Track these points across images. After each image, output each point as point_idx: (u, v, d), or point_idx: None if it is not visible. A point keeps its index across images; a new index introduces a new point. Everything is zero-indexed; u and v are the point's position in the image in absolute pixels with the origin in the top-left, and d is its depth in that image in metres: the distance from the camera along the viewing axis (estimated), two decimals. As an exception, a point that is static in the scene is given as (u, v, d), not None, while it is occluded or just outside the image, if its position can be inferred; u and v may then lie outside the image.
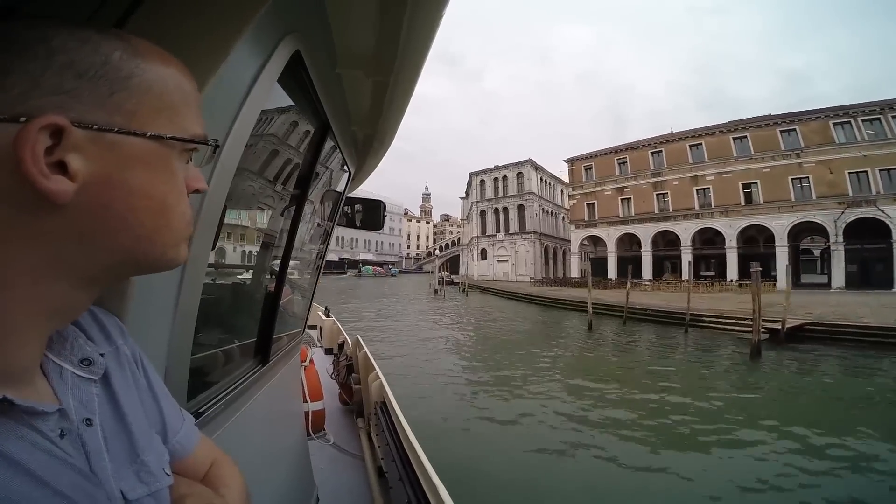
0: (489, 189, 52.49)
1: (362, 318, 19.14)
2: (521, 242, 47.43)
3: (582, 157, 40.75)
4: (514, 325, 19.01)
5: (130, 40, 0.33)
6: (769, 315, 13.50)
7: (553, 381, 9.41)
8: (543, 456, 5.61)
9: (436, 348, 13.30)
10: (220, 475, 0.50)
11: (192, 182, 0.38)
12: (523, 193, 48.18)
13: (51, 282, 0.31)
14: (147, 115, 0.33)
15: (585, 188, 39.80)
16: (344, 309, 19.79)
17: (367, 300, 29.59)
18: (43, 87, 0.29)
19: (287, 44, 0.75)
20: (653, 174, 35.46)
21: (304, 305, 1.98)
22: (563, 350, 13.41)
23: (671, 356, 12.21)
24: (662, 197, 34.83)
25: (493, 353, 12.87)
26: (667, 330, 16.37)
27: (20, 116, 0.27)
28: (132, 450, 0.38)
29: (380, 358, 4.48)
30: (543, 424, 6.77)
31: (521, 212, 48.41)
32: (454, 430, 6.38)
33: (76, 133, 0.29)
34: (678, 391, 8.53)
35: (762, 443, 6.04)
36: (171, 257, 0.37)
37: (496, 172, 52.04)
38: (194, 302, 0.70)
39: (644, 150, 36.28)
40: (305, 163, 1.23)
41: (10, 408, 0.28)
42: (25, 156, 0.27)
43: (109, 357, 0.40)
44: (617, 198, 37.22)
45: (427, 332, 16.41)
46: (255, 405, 1.10)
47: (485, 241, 51.89)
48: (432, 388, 8.58)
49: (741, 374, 10.01)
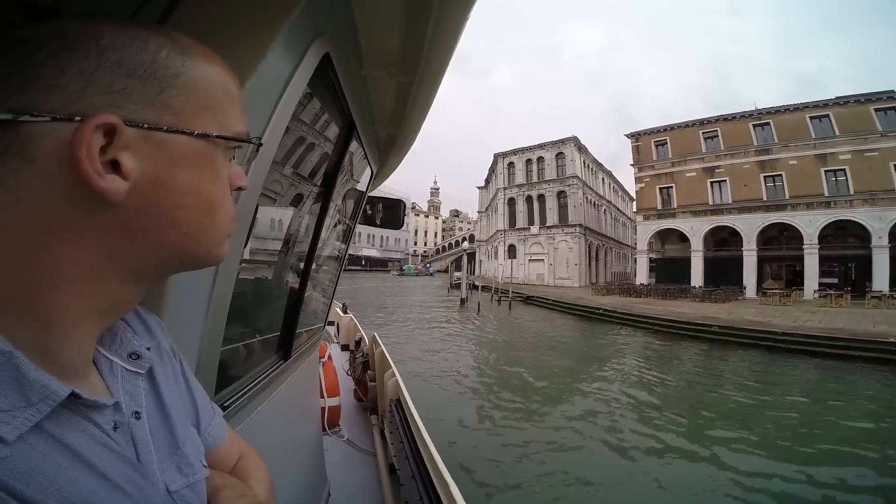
0: (520, 173, 43.54)
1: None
2: (562, 238, 38.52)
3: (652, 131, 32.03)
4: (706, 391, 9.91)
5: (177, 38, 0.34)
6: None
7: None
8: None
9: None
10: (247, 467, 0.51)
11: (235, 180, 0.38)
12: (565, 178, 39.30)
13: (105, 278, 0.31)
14: (193, 114, 0.33)
15: (657, 168, 31.07)
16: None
17: (360, 313, 21.04)
18: (95, 85, 0.29)
19: (318, 46, 0.76)
20: (758, 151, 26.89)
21: (325, 302, 2.00)
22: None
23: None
24: (772, 180, 26.28)
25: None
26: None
27: (75, 115, 0.28)
28: (174, 442, 0.39)
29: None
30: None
31: (561, 200, 39.52)
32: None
33: (128, 132, 0.29)
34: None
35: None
36: (216, 254, 0.37)
37: (529, 153, 43.13)
38: (226, 298, 0.72)
39: (743, 121, 27.66)
40: (331, 162, 1.25)
41: (73, 402, 0.29)
42: (81, 155, 0.27)
43: (153, 351, 0.41)
44: (705, 180, 28.46)
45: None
46: (275, 399, 1.11)
47: (513, 236, 42.84)
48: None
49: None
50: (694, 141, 29.49)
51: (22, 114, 0.27)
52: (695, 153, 29.30)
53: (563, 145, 40.32)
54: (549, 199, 40.02)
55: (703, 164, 28.79)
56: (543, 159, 41.72)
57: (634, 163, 32.60)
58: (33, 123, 0.27)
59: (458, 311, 22.90)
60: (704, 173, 28.68)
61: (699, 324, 15.50)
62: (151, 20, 0.42)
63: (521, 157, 43.81)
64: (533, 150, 42.78)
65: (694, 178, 29.01)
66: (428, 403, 6.89)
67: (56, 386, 0.28)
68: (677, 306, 20.43)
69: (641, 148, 32.42)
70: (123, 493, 0.31)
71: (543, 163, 41.71)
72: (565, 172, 39.49)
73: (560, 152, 40.43)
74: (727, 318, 16.09)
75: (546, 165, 41.19)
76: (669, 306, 20.50)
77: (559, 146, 40.57)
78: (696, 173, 29.04)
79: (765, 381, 9.66)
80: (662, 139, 31.37)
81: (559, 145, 40.57)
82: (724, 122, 28.56)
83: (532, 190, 41.87)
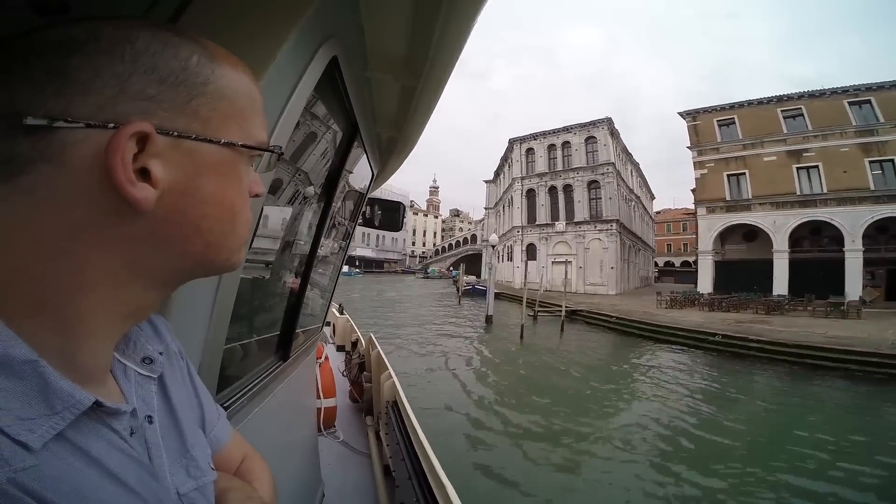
0: (541, 160, 37.76)
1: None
2: (595, 235, 32.89)
3: (713, 109, 26.81)
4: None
5: (206, 44, 0.33)
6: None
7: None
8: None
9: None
10: (251, 469, 0.51)
11: (253, 187, 0.38)
12: (597, 165, 33.71)
13: (129, 285, 0.31)
14: (220, 122, 0.33)
15: (723, 152, 25.82)
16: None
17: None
18: (129, 91, 0.28)
19: (326, 49, 0.76)
20: (858, 132, 21.94)
21: (323, 303, 2.00)
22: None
23: None
24: (879, 166, 21.35)
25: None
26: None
27: (109, 122, 0.27)
28: (183, 445, 0.39)
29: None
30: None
31: (592, 191, 33.98)
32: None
33: (159, 140, 0.29)
34: None
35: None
36: (234, 262, 0.37)
37: (553, 137, 37.44)
38: (230, 300, 0.73)
39: (835, 98, 22.67)
40: (333, 164, 1.25)
41: (94, 409, 0.29)
42: (116, 164, 0.27)
43: (163, 355, 0.41)
44: (790, 165, 23.25)
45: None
46: (273, 400, 1.11)
47: (533, 234, 36.97)
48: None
49: None
50: (771, 120, 24.31)
51: (57, 119, 0.27)
52: (773, 134, 24.15)
53: (594, 128, 34.78)
54: (578, 191, 34.34)
55: (786, 146, 23.66)
56: (570, 144, 36.08)
57: (692, 145, 27.24)
58: (67, 130, 0.27)
59: (485, 335, 16.09)
60: (788, 157, 23.47)
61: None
62: (165, 22, 0.42)
63: (542, 143, 38.05)
64: (557, 133, 37.08)
65: (774, 164, 23.77)
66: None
67: (80, 395, 0.28)
68: (810, 325, 14.93)
69: (700, 128, 27.11)
70: (140, 498, 0.31)
71: (570, 148, 36.05)
72: (597, 159, 33.91)
73: (591, 136, 34.88)
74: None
75: (573, 151, 35.53)
76: (794, 324, 14.99)
77: (589, 129, 35.01)
78: (776, 157, 23.81)
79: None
80: (728, 118, 26.13)
81: (589, 128, 35.01)
82: (811, 100, 23.50)
83: (556, 179, 36.11)
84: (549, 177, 36.64)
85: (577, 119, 37.44)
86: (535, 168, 38.19)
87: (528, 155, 39.24)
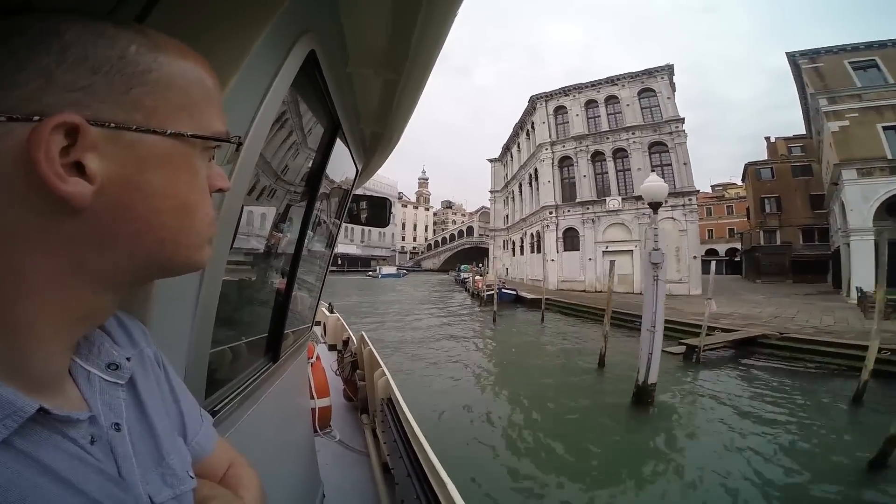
0: (577, 121, 28.90)
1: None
2: (667, 213, 24.95)
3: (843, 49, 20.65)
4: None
5: (149, 34, 0.32)
6: None
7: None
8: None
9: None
10: (238, 476, 0.49)
11: (215, 181, 0.37)
12: (661, 122, 25.90)
13: (75, 287, 0.30)
14: (167, 112, 0.31)
15: (866, 100, 19.57)
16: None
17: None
18: (57, 83, 0.27)
19: (303, 43, 0.75)
20: None
21: (312, 302, 1.94)
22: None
23: None
24: None
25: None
26: None
27: (34, 115, 0.26)
28: (157, 453, 0.38)
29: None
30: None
31: (656, 156, 26.02)
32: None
33: (92, 132, 0.28)
34: None
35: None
36: (196, 260, 0.35)
37: (591, 91, 28.85)
38: (213, 302, 0.72)
39: None
40: (315, 161, 1.23)
41: (44, 416, 0.28)
42: (40, 157, 0.26)
43: (134, 360, 0.40)
44: None
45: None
46: (265, 402, 1.11)
47: (573, 214, 27.73)
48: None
49: None
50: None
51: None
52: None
53: (650, 78, 26.93)
54: (637, 156, 26.06)
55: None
56: (617, 99, 27.88)
57: (816, 91, 20.68)
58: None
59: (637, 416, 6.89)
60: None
61: None
62: (128, 19, 0.41)
63: (576, 99, 29.30)
64: (598, 86, 28.62)
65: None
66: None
67: (22, 402, 0.26)
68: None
69: (826, 71, 20.51)
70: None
71: (617, 104, 27.88)
72: (661, 115, 26.20)
73: (646, 88, 26.98)
74: None
75: (624, 107, 27.41)
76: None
77: (643, 80, 27.10)
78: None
79: None
80: (866, 59, 20.00)
81: (643, 78, 27.09)
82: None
83: (602, 143, 27.50)
84: (592, 140, 27.96)
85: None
86: (569, 130, 29.29)
87: (557, 115, 30.23)
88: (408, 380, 8.37)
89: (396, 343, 12.71)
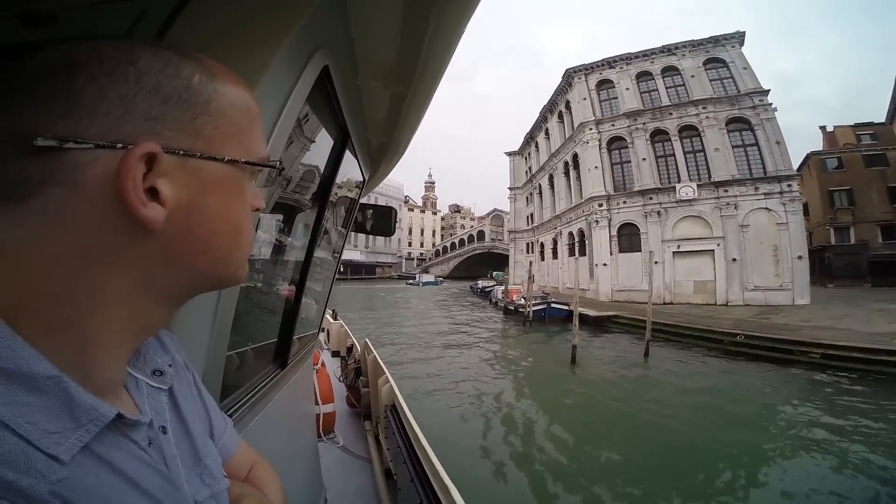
0: (628, 95, 24.03)
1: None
2: (759, 203, 19.65)
3: None
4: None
5: (205, 63, 0.34)
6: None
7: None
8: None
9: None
10: (260, 476, 0.51)
11: (254, 202, 0.38)
12: (741, 95, 21.06)
13: (140, 302, 0.32)
14: (223, 140, 0.33)
15: None
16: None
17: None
18: (134, 111, 0.29)
19: (317, 59, 0.77)
20: None
21: (318, 309, 2.00)
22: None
23: None
24: None
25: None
26: None
27: (118, 143, 0.28)
28: (195, 454, 0.40)
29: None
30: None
31: (735, 135, 20.90)
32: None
33: (165, 159, 0.30)
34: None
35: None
36: (240, 275, 0.38)
37: (644, 62, 24.15)
38: (230, 310, 0.75)
39: None
40: (325, 171, 1.26)
41: (116, 421, 0.30)
42: (128, 186, 0.27)
43: (171, 367, 0.43)
44: None
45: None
46: (273, 407, 1.13)
47: (631, 206, 22.48)
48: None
49: None
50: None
51: (67, 140, 0.27)
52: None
53: (717, 47, 22.48)
54: (712, 133, 21.14)
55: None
56: (677, 70, 23.21)
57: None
58: (77, 151, 0.27)
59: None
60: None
61: None
62: (148, 35, 0.42)
63: (624, 71, 24.55)
64: (651, 57, 24.02)
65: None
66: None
67: (104, 408, 0.29)
68: None
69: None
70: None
71: (678, 76, 23.17)
72: (736, 87, 21.46)
73: (713, 58, 22.46)
74: None
75: (688, 79, 22.68)
76: None
77: (709, 48, 22.63)
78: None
79: None
80: None
81: (709, 47, 22.64)
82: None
83: (665, 119, 22.57)
84: (650, 116, 22.99)
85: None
86: (617, 107, 24.30)
87: (599, 90, 25.32)
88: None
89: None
